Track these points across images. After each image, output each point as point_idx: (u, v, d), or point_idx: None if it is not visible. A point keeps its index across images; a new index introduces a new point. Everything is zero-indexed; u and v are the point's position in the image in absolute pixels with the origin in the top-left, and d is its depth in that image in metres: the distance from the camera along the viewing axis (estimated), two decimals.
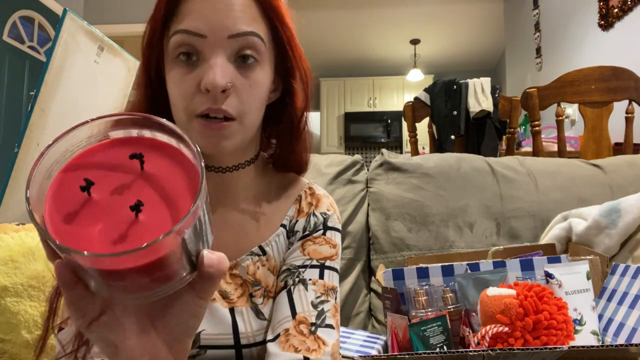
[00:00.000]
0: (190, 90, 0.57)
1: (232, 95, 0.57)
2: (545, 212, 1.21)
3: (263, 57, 0.60)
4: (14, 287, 0.88)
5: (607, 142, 1.92)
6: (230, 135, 0.59)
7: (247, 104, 0.59)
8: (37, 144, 1.13)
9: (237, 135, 0.59)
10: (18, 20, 3.37)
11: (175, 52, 0.58)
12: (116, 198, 0.31)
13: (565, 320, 0.74)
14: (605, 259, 0.94)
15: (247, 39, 0.57)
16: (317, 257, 0.68)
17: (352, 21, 6.00)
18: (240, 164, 0.67)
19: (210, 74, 0.55)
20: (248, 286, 0.66)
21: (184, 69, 0.58)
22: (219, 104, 0.56)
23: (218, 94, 0.56)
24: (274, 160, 0.73)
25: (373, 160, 1.36)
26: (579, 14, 3.52)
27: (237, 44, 0.57)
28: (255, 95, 0.60)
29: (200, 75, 0.56)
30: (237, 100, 0.58)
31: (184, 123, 0.59)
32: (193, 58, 0.57)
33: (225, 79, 0.56)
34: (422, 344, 0.80)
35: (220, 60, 0.56)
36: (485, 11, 5.69)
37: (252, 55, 0.58)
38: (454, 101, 2.17)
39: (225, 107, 0.57)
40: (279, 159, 0.72)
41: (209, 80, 0.55)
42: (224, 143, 0.58)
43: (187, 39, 0.57)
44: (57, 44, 1.16)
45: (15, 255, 0.90)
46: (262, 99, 0.62)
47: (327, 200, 0.74)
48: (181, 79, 0.57)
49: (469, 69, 7.20)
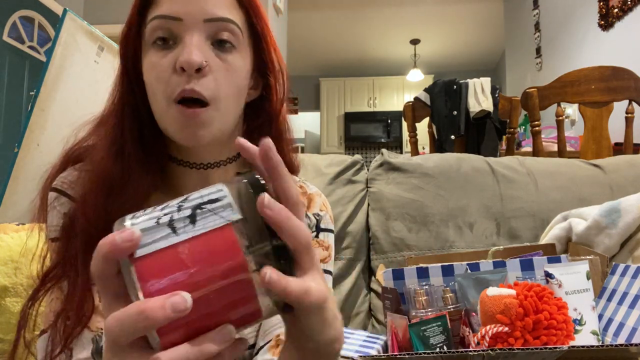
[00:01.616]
0: (166, 72, 0.57)
1: (207, 76, 0.57)
2: (545, 212, 1.21)
3: (240, 44, 0.60)
4: (14, 287, 0.88)
5: (607, 142, 1.92)
6: (207, 122, 0.58)
7: (222, 87, 0.58)
8: (37, 144, 1.13)
9: (214, 122, 0.58)
10: (18, 20, 3.37)
11: (151, 38, 0.58)
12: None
13: (565, 320, 0.74)
14: (605, 259, 0.94)
15: (223, 24, 0.58)
16: None
17: (352, 21, 6.01)
18: (221, 160, 0.65)
19: (185, 52, 0.55)
20: None
21: (160, 52, 0.57)
22: (192, 83, 0.55)
23: (193, 72, 0.55)
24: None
25: (373, 160, 1.36)
26: (579, 14, 3.52)
27: (213, 27, 0.57)
28: (231, 80, 0.59)
29: (176, 56, 0.56)
30: (212, 82, 0.57)
31: (163, 110, 0.58)
32: (170, 42, 0.57)
33: (200, 57, 0.55)
34: (422, 344, 0.80)
35: (196, 40, 0.56)
36: (485, 11, 5.69)
37: (228, 39, 0.58)
38: (454, 101, 2.17)
39: (199, 88, 0.56)
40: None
41: (183, 58, 0.55)
42: (201, 132, 0.58)
43: (164, 23, 0.57)
44: (57, 44, 1.16)
45: (15, 255, 0.90)
46: (239, 86, 0.61)
47: (319, 199, 0.73)
48: (157, 62, 0.57)
49: (469, 69, 7.20)
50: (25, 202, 1.12)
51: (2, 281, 0.87)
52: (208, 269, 0.32)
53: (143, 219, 0.34)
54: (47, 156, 1.12)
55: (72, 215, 0.60)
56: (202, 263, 0.32)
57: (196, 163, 0.64)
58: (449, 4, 5.55)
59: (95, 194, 0.59)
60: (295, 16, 5.20)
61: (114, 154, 0.60)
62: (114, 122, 0.62)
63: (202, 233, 0.33)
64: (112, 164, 0.60)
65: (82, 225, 0.57)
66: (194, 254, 0.32)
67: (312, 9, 5.64)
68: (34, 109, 1.12)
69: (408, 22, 6.03)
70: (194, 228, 0.33)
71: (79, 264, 0.56)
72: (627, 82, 1.89)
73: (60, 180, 0.63)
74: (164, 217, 0.33)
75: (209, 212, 0.33)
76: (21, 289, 0.88)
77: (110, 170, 0.60)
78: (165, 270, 0.32)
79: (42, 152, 1.13)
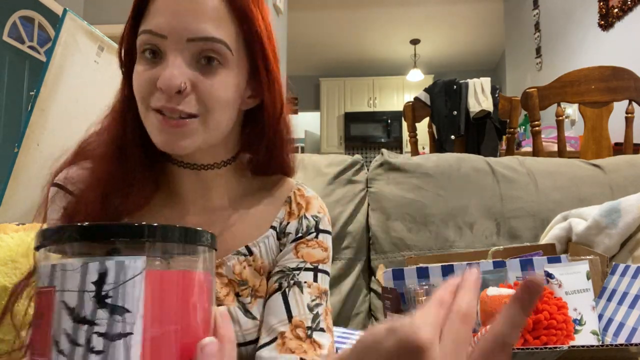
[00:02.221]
0: (148, 86, 0.57)
1: (190, 95, 0.57)
2: (545, 212, 1.21)
3: (228, 61, 0.58)
4: None
5: (607, 142, 1.92)
6: (190, 133, 0.57)
7: (209, 103, 0.58)
8: (37, 144, 1.13)
9: (198, 134, 0.58)
10: (18, 20, 3.37)
11: (141, 49, 0.58)
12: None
13: (565, 320, 0.74)
14: (605, 259, 0.94)
15: (207, 43, 0.56)
16: (310, 260, 0.68)
17: (352, 21, 6.01)
18: (216, 163, 0.66)
19: (166, 74, 0.55)
20: (234, 285, 0.66)
21: (147, 64, 0.58)
22: (173, 103, 0.56)
23: (173, 94, 0.55)
24: (252, 162, 0.72)
25: (373, 160, 1.36)
26: (579, 14, 3.52)
27: (197, 47, 0.56)
28: (219, 97, 0.58)
29: (158, 73, 0.56)
30: (196, 100, 0.57)
31: (143, 115, 0.59)
32: (157, 56, 0.58)
33: (179, 80, 0.55)
34: None
35: (178, 61, 0.56)
36: (485, 11, 5.69)
37: (215, 57, 0.57)
38: (454, 101, 2.17)
39: (182, 107, 0.56)
40: (256, 164, 0.71)
41: (163, 80, 0.55)
42: (182, 142, 0.57)
43: (150, 39, 0.57)
44: (57, 44, 1.16)
45: (15, 256, 0.90)
46: (230, 100, 0.60)
47: (317, 202, 0.73)
48: (142, 73, 0.58)
49: (469, 69, 7.20)
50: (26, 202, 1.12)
51: (2, 281, 0.87)
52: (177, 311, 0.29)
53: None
54: (47, 156, 1.12)
55: (71, 211, 0.60)
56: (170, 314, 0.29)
57: (190, 164, 0.65)
58: (449, 4, 5.55)
59: (94, 193, 0.59)
60: (295, 16, 5.20)
61: (115, 153, 0.61)
62: (116, 122, 0.62)
63: (142, 306, 0.28)
64: (112, 163, 0.60)
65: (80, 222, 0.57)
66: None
67: (312, 9, 5.64)
68: (34, 109, 1.12)
69: (408, 22, 6.03)
70: (133, 314, 0.27)
71: None
72: (627, 82, 1.89)
73: (61, 176, 0.64)
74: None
75: (119, 287, 0.27)
76: None
77: (110, 169, 0.60)
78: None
79: (42, 152, 1.13)
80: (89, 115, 0.66)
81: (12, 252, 0.90)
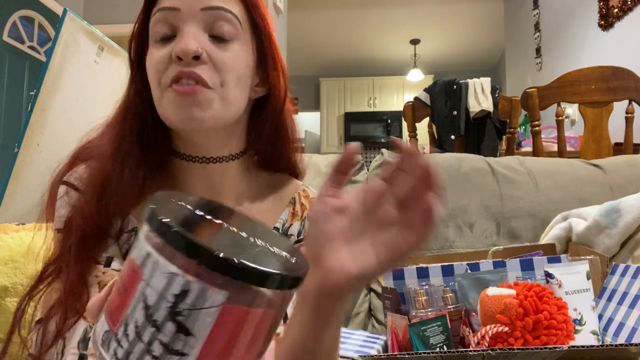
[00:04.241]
0: (163, 62, 0.57)
1: (207, 65, 0.57)
2: (545, 212, 1.21)
3: (240, 35, 0.60)
4: (13, 287, 0.88)
5: (607, 142, 1.92)
6: (206, 103, 0.57)
7: (224, 74, 0.58)
8: (37, 144, 1.13)
9: (213, 104, 0.58)
10: (18, 20, 3.37)
11: (154, 34, 0.59)
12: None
13: (565, 320, 0.74)
14: (605, 259, 0.94)
15: (220, 12, 0.58)
16: None
17: (352, 21, 6.01)
18: (224, 156, 0.65)
19: (182, 41, 0.56)
20: None
21: (161, 46, 0.59)
22: (190, 67, 0.56)
23: (190, 60, 0.56)
24: (258, 157, 0.71)
25: (373, 160, 1.36)
26: (579, 14, 3.52)
27: (210, 16, 0.58)
28: (233, 69, 0.59)
29: (174, 46, 0.57)
30: (212, 69, 0.57)
31: (159, 98, 0.59)
32: (170, 37, 0.58)
33: (195, 45, 0.56)
34: (422, 344, 0.80)
35: (193, 29, 0.57)
36: (485, 11, 5.69)
37: (227, 30, 0.59)
38: (454, 101, 2.17)
39: (199, 71, 0.56)
40: (263, 156, 0.71)
41: (179, 46, 0.55)
42: (198, 114, 0.57)
43: (163, 15, 0.58)
44: (57, 44, 1.16)
45: (15, 255, 0.90)
46: (240, 75, 0.61)
47: None
48: (156, 53, 0.58)
49: (469, 69, 7.20)
50: (25, 202, 1.12)
51: (2, 281, 0.87)
52: (241, 349, 0.28)
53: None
54: (47, 156, 1.12)
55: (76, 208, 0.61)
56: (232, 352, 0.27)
57: (198, 157, 0.64)
58: (449, 4, 5.55)
59: (92, 192, 0.59)
60: (295, 16, 5.20)
61: (118, 153, 0.61)
62: (117, 120, 0.63)
63: (207, 336, 0.27)
64: (115, 163, 0.60)
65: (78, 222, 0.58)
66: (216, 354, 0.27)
67: (312, 9, 5.64)
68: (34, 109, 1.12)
69: (408, 22, 6.03)
70: (196, 340, 0.26)
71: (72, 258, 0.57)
72: (627, 82, 1.89)
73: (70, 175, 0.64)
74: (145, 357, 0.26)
75: (193, 311, 0.26)
76: (21, 289, 0.88)
77: (107, 168, 0.60)
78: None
79: (42, 152, 1.13)
80: (89, 115, 0.66)
81: (12, 252, 0.90)
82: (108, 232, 0.60)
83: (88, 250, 0.58)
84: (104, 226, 0.59)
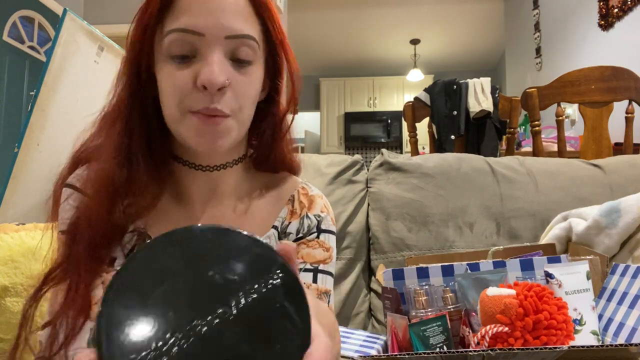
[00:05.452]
0: (186, 86, 0.56)
1: (228, 92, 0.57)
2: (545, 212, 1.21)
3: (257, 57, 0.61)
4: (13, 287, 0.88)
5: (607, 142, 1.92)
6: (227, 131, 0.58)
7: (242, 101, 0.59)
8: (37, 144, 1.13)
9: (233, 132, 0.59)
10: (18, 20, 3.37)
11: (170, 51, 0.57)
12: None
13: (565, 320, 0.74)
14: (605, 259, 0.94)
15: (243, 40, 0.58)
16: (310, 260, 0.67)
17: (352, 21, 6.00)
18: (228, 162, 0.66)
19: (208, 71, 0.55)
20: None
21: (179, 64, 0.57)
22: (215, 103, 0.56)
23: (215, 91, 0.55)
24: (257, 158, 0.72)
25: (373, 160, 1.36)
26: (579, 14, 3.52)
27: (233, 44, 0.57)
28: (250, 93, 0.60)
29: (197, 71, 0.56)
30: (233, 98, 0.58)
31: (176, 119, 0.58)
32: (189, 57, 0.57)
33: (223, 76, 0.55)
34: (422, 344, 0.80)
35: (217, 57, 0.56)
36: (485, 11, 5.69)
37: (248, 54, 0.59)
38: (454, 101, 2.17)
39: (221, 106, 0.56)
40: (262, 156, 0.71)
41: (206, 77, 0.54)
42: (220, 141, 0.58)
43: (184, 37, 0.56)
44: (57, 44, 1.16)
45: (15, 255, 0.90)
46: (255, 96, 0.62)
47: (320, 201, 0.72)
48: (175, 74, 0.57)
49: (469, 69, 7.20)
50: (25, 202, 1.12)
51: (2, 281, 0.87)
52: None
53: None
54: (47, 156, 1.12)
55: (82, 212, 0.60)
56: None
57: (202, 165, 0.65)
58: (449, 4, 5.55)
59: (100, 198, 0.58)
60: (295, 16, 5.20)
61: (122, 157, 0.60)
62: (121, 124, 0.61)
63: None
64: (118, 168, 0.59)
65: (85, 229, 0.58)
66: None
67: (312, 9, 5.64)
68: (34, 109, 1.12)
69: (408, 22, 6.03)
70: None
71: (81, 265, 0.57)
72: (627, 82, 1.89)
73: (74, 178, 0.64)
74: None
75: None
76: (21, 288, 0.88)
77: (116, 174, 0.59)
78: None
79: (42, 152, 1.13)
80: (89, 116, 0.66)
81: (12, 252, 0.90)
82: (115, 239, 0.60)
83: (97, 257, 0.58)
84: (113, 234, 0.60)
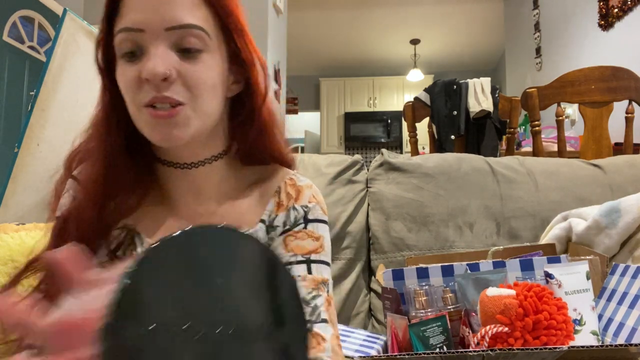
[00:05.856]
0: (135, 82, 0.57)
1: (177, 82, 0.57)
2: (545, 212, 1.21)
3: (208, 44, 0.60)
4: None
5: (607, 142, 1.92)
6: (183, 122, 0.58)
7: (195, 89, 0.58)
8: (37, 144, 1.13)
9: (191, 121, 0.59)
10: (18, 20, 3.37)
11: (120, 51, 0.59)
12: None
13: (565, 320, 0.74)
14: (605, 259, 0.94)
15: (186, 30, 0.58)
16: (301, 252, 0.66)
17: (352, 21, 6.00)
18: (206, 159, 0.65)
19: (149, 64, 0.55)
20: None
21: (129, 63, 0.58)
22: (162, 91, 0.56)
23: (159, 82, 0.56)
24: (242, 152, 0.71)
25: (373, 160, 1.36)
26: (579, 14, 3.52)
27: (176, 35, 0.57)
28: (204, 81, 0.59)
29: (143, 67, 0.57)
30: (183, 87, 0.58)
31: (135, 116, 0.59)
32: (137, 54, 0.58)
33: (164, 67, 0.56)
34: (421, 344, 0.80)
35: (160, 50, 0.56)
36: (485, 11, 5.69)
37: (195, 43, 0.58)
38: (454, 101, 2.17)
39: (170, 94, 0.56)
40: (246, 151, 0.70)
41: (147, 70, 0.55)
42: (176, 132, 0.58)
43: (128, 36, 0.57)
44: (57, 44, 1.16)
45: (15, 255, 0.90)
46: (216, 85, 0.61)
47: (308, 192, 0.70)
48: (126, 72, 0.58)
49: (469, 69, 7.20)
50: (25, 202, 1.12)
51: (2, 281, 0.87)
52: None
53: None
54: (47, 156, 1.12)
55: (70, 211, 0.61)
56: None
57: (180, 163, 0.65)
58: (449, 4, 5.55)
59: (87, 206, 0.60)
60: (295, 16, 5.20)
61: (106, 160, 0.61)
62: (101, 131, 0.63)
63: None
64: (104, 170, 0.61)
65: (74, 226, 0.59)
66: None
67: (312, 9, 5.64)
68: (34, 109, 1.12)
69: (408, 22, 6.03)
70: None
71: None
72: (627, 82, 1.89)
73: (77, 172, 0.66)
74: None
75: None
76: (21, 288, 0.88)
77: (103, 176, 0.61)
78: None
79: (42, 152, 1.13)
80: (89, 115, 0.66)
81: (12, 252, 0.90)
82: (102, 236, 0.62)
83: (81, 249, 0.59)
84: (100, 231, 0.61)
